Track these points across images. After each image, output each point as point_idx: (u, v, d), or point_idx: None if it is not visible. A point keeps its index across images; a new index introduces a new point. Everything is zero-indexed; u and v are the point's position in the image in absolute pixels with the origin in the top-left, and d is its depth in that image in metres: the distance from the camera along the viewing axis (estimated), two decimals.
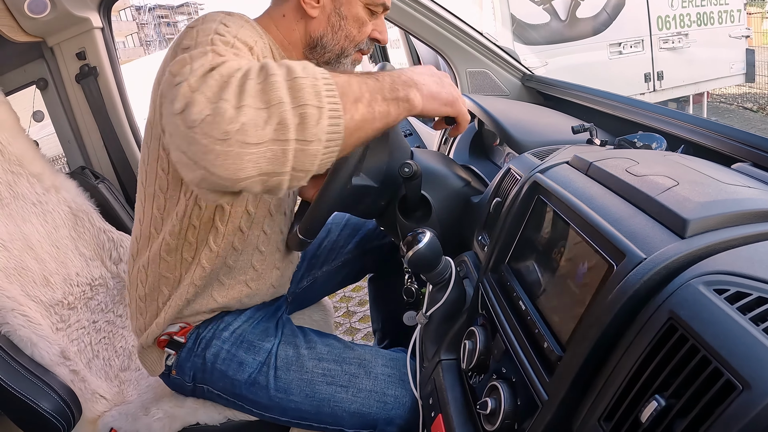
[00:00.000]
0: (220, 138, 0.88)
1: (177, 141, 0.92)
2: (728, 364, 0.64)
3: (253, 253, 1.51)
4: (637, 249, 0.84)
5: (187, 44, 1.16)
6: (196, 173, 0.92)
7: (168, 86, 0.94)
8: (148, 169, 1.38)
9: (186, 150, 0.91)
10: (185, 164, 0.92)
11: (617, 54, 7.12)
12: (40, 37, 2.41)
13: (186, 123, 0.89)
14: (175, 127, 0.91)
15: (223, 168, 0.90)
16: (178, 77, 0.93)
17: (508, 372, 1.07)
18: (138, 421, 1.61)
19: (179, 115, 0.90)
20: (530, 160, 1.40)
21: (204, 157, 0.89)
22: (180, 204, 1.35)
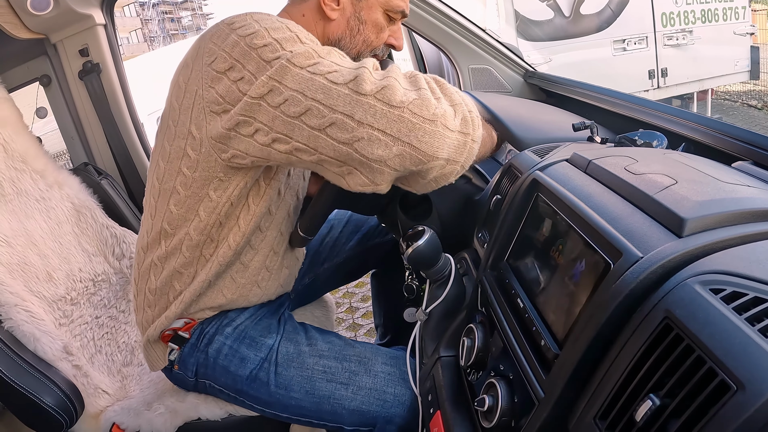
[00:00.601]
0: (428, 118, 1.05)
1: (371, 119, 1.05)
2: (723, 365, 0.64)
3: (268, 253, 1.51)
4: (634, 248, 0.85)
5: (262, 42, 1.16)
6: (392, 149, 1.06)
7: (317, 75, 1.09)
8: (167, 167, 1.36)
9: (384, 127, 1.05)
10: (377, 141, 1.06)
11: (621, 51, 7.10)
12: (43, 34, 2.41)
13: (390, 102, 1.04)
14: (368, 108, 1.05)
15: (427, 144, 1.06)
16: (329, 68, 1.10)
17: (505, 369, 1.07)
18: (140, 416, 1.62)
19: (373, 95, 1.05)
20: (530, 158, 1.40)
21: (409, 134, 1.05)
22: (207, 201, 1.34)
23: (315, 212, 1.42)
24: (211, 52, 1.21)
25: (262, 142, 1.16)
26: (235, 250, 1.41)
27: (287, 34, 1.17)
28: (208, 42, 1.24)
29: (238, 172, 1.30)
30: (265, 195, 1.38)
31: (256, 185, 1.37)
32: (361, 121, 1.05)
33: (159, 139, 1.40)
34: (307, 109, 1.09)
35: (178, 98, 1.30)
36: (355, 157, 1.09)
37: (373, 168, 1.09)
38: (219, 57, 1.20)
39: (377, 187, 1.13)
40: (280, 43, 1.15)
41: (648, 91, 7.10)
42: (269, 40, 1.16)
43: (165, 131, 1.36)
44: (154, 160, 1.43)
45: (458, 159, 1.12)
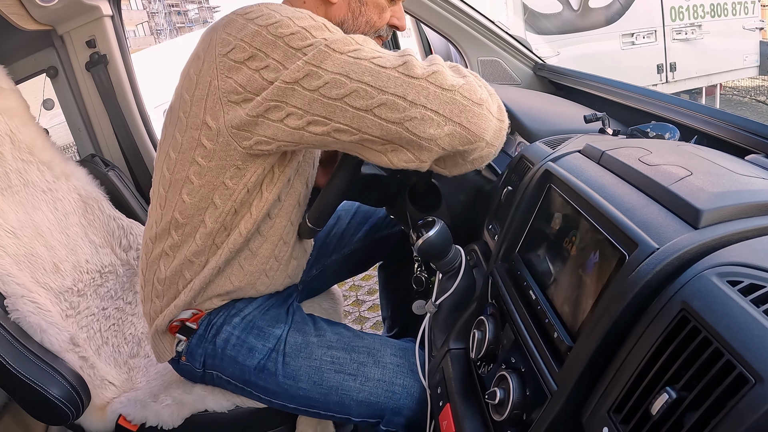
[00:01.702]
0: (477, 102, 1.13)
1: (422, 100, 1.11)
2: (741, 357, 0.63)
3: (278, 242, 1.51)
4: (650, 239, 0.84)
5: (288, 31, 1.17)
6: (444, 128, 1.12)
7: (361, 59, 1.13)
8: (179, 158, 1.36)
9: (437, 107, 1.11)
10: (429, 120, 1.12)
11: (630, 44, 7.08)
12: (50, 26, 2.41)
13: (441, 86, 1.11)
14: (420, 89, 1.11)
15: (476, 125, 1.13)
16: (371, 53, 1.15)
17: (517, 362, 1.06)
18: (147, 408, 1.61)
19: (425, 79, 1.11)
20: (542, 149, 1.39)
21: (461, 114, 1.12)
22: (222, 189, 1.34)
23: (324, 203, 1.42)
24: (226, 43, 1.21)
25: (294, 126, 1.18)
26: (245, 237, 1.41)
27: (313, 23, 1.19)
28: (221, 33, 1.23)
29: (257, 160, 1.31)
30: (278, 182, 1.39)
31: (270, 172, 1.37)
32: (414, 101, 1.11)
33: (168, 130, 1.40)
34: (353, 91, 1.12)
35: (189, 90, 1.30)
36: (404, 136, 1.14)
37: (423, 146, 1.15)
38: (237, 47, 1.19)
39: (422, 164, 1.19)
40: (308, 31, 1.17)
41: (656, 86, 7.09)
42: (296, 29, 1.17)
43: (176, 123, 1.36)
44: (163, 151, 1.42)
45: (495, 143, 1.19)
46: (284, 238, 1.52)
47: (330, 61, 1.12)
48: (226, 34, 1.22)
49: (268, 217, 1.44)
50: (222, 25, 1.26)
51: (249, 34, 1.19)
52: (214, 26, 1.29)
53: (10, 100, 2.06)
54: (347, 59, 1.12)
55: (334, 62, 1.12)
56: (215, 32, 1.26)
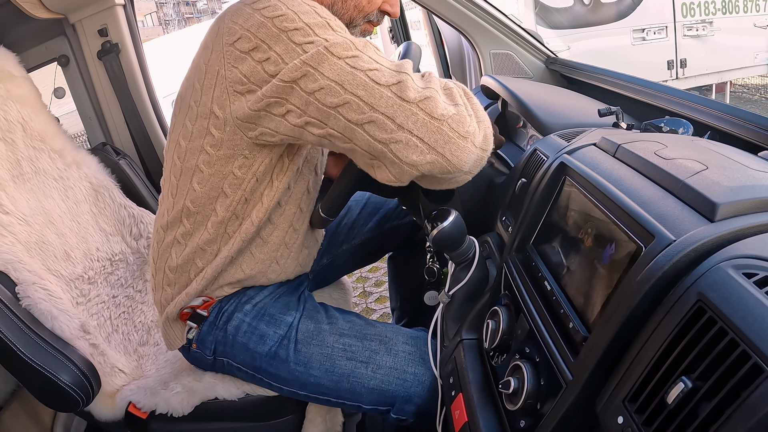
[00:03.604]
0: (463, 134, 1.12)
1: (411, 126, 1.10)
2: (756, 347, 0.64)
3: (287, 229, 1.51)
4: (667, 231, 0.84)
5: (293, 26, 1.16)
6: (425, 156, 1.11)
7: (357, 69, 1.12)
8: (189, 146, 1.37)
9: (424, 136, 1.10)
10: (413, 146, 1.11)
11: (640, 40, 7.06)
12: (62, 14, 2.41)
13: (432, 114, 1.10)
14: (410, 114, 1.10)
15: (457, 158, 1.12)
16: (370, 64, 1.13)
17: (531, 352, 1.07)
18: (156, 395, 1.62)
19: (417, 104, 1.10)
20: (557, 142, 1.39)
21: (445, 146, 1.11)
22: (231, 178, 1.35)
23: (337, 193, 1.42)
24: (233, 32, 1.21)
25: (295, 123, 1.19)
26: (257, 226, 1.42)
27: (318, 20, 1.18)
28: (229, 21, 1.24)
29: (264, 149, 1.31)
30: (287, 171, 1.39)
31: (280, 161, 1.38)
32: (402, 125, 1.10)
33: (179, 119, 1.41)
34: (346, 102, 1.12)
35: (199, 79, 1.30)
36: (388, 156, 1.14)
37: (403, 169, 1.15)
38: (243, 37, 1.19)
39: (401, 183, 1.19)
40: (312, 29, 1.16)
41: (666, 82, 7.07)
42: (300, 24, 1.16)
43: (186, 111, 1.37)
44: (173, 140, 1.43)
45: (474, 171, 1.20)
46: (294, 225, 1.52)
47: (327, 65, 1.12)
48: (233, 23, 1.22)
49: (278, 205, 1.45)
50: (230, 13, 1.26)
51: (255, 24, 1.19)
52: (223, 15, 1.29)
53: (22, 88, 2.07)
54: (344, 67, 1.12)
55: (331, 67, 1.12)
56: (223, 21, 1.26)
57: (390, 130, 1.10)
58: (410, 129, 1.09)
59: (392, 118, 1.10)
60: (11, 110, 1.98)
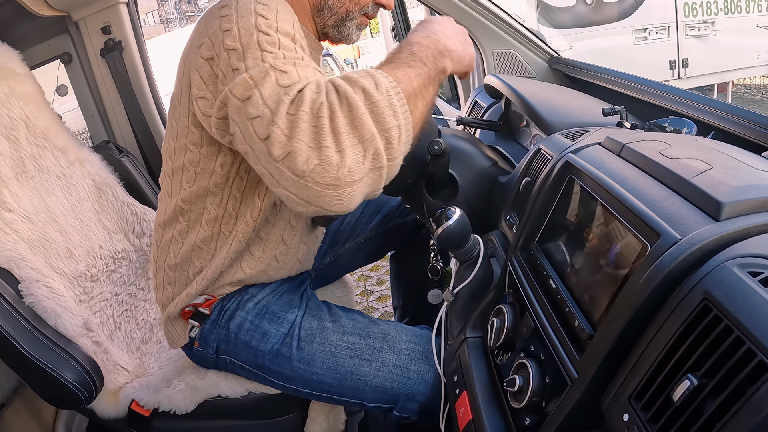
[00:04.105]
0: (331, 184, 1.01)
1: (285, 184, 1.03)
2: (761, 345, 0.64)
3: (285, 227, 1.52)
4: (672, 230, 0.84)
5: (232, 45, 1.14)
6: (308, 208, 1.04)
7: (247, 119, 1.05)
8: (176, 145, 1.39)
9: (297, 193, 1.02)
10: (296, 202, 1.04)
11: (643, 40, 7.05)
12: (65, 12, 2.42)
13: (294, 172, 1.00)
14: (280, 173, 1.02)
15: (338, 206, 1.03)
16: (255, 110, 1.04)
17: (536, 350, 1.07)
18: (159, 393, 1.63)
19: (281, 162, 1.01)
20: (561, 141, 1.39)
21: (318, 200, 1.02)
22: (216, 176, 1.37)
23: None
24: (200, 35, 1.23)
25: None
26: (253, 226, 1.43)
27: (251, 39, 1.14)
28: (201, 24, 1.25)
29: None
30: None
31: None
32: (279, 182, 1.04)
33: (169, 118, 1.44)
34: (246, 152, 1.09)
35: (180, 78, 1.33)
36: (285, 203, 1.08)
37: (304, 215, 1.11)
38: (205, 44, 1.20)
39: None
40: (243, 51, 1.13)
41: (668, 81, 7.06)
42: (236, 45, 1.14)
43: (173, 110, 1.40)
44: (166, 139, 1.46)
45: (377, 189, 1.10)
46: (291, 222, 1.53)
47: (233, 108, 1.08)
48: (204, 26, 1.24)
49: (274, 205, 1.46)
50: (205, 16, 1.27)
51: (213, 32, 1.19)
52: (202, 15, 1.30)
53: (25, 85, 2.07)
54: (241, 112, 1.07)
55: (234, 110, 1.08)
56: (199, 22, 1.28)
57: (273, 184, 1.05)
58: (285, 186, 1.03)
59: (271, 174, 1.04)
60: (14, 108, 1.99)
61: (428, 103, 1.19)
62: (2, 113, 1.94)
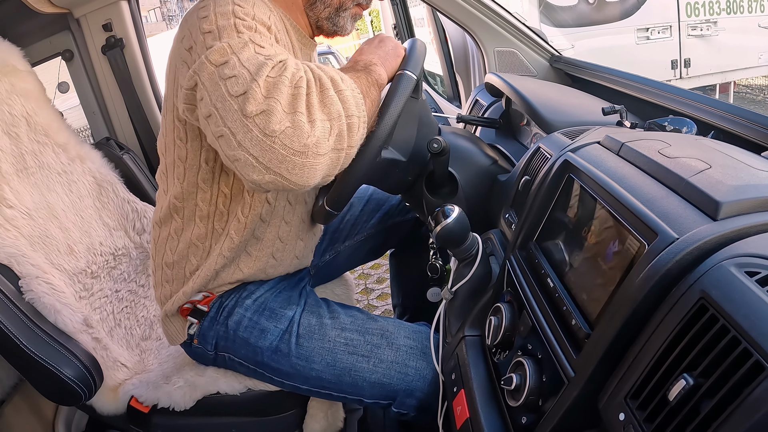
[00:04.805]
0: (299, 150, 1.03)
1: (248, 144, 1.03)
2: (758, 345, 0.64)
3: (280, 224, 1.53)
4: (670, 229, 0.84)
5: (208, 29, 1.16)
6: (264, 176, 1.04)
7: (220, 78, 1.07)
8: (166, 141, 1.42)
9: (258, 155, 1.03)
10: (251, 166, 1.04)
11: (645, 39, 7.03)
12: (67, 9, 2.41)
13: (264, 130, 1.01)
14: (246, 131, 1.02)
15: (298, 176, 1.05)
16: (231, 71, 1.06)
17: (534, 348, 1.07)
18: (159, 390, 1.63)
19: (253, 119, 1.02)
20: (561, 140, 1.39)
21: (280, 165, 1.03)
22: (203, 172, 1.39)
23: (343, 187, 1.42)
24: (182, 29, 1.25)
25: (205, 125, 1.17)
26: (245, 224, 1.44)
27: (228, 21, 1.17)
28: (184, 19, 1.28)
29: None
30: None
31: None
32: (241, 142, 1.04)
33: (162, 115, 1.45)
34: (210, 114, 1.09)
35: (167, 74, 1.35)
36: (238, 172, 1.09)
37: (251, 186, 1.11)
38: (185, 36, 1.22)
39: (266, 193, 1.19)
40: (219, 32, 1.15)
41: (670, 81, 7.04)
42: (212, 27, 1.17)
43: (163, 106, 1.42)
44: (160, 136, 1.48)
45: (332, 173, 1.13)
46: (285, 218, 1.54)
47: (205, 74, 1.10)
48: (185, 21, 1.26)
49: (266, 203, 1.47)
50: (188, 12, 1.29)
51: (192, 24, 1.21)
52: (186, 13, 1.32)
53: (26, 82, 2.07)
54: (214, 77, 1.09)
55: (208, 76, 1.09)
56: (183, 19, 1.29)
57: (233, 146, 1.05)
58: (247, 147, 1.03)
59: (234, 134, 1.04)
60: (16, 104, 1.99)
61: (373, 102, 1.27)
62: (3, 110, 1.94)
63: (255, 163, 1.03)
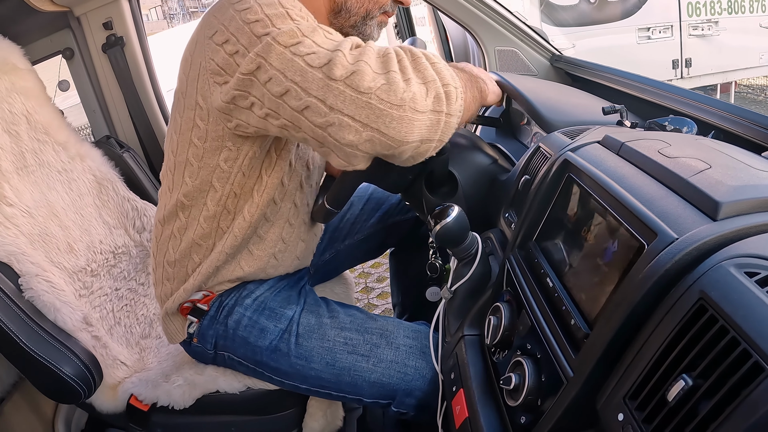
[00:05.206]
0: (396, 104, 1.05)
1: (341, 105, 1.05)
2: (757, 346, 0.64)
3: (284, 225, 1.53)
4: (669, 229, 0.84)
5: (254, 18, 1.17)
6: (362, 134, 1.07)
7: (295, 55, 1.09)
8: (179, 139, 1.39)
9: (353, 113, 1.05)
10: (347, 126, 1.06)
11: (646, 39, 7.03)
12: (67, 7, 2.41)
13: (358, 88, 1.04)
14: (338, 94, 1.05)
15: (396, 130, 1.06)
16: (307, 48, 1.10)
17: (533, 348, 1.07)
18: (158, 388, 1.63)
19: (344, 80, 1.05)
20: (560, 139, 1.39)
21: (377, 120, 1.05)
22: (219, 172, 1.37)
23: (343, 185, 1.42)
24: (212, 26, 1.24)
25: (259, 115, 1.19)
26: (250, 222, 1.43)
27: (278, 11, 1.18)
28: (211, 16, 1.26)
29: (246, 141, 1.32)
30: (276, 166, 1.40)
31: (268, 157, 1.39)
32: (333, 106, 1.06)
33: (173, 113, 1.43)
34: (287, 90, 1.10)
35: (186, 71, 1.33)
36: (330, 141, 1.10)
37: (346, 152, 1.11)
38: (219, 30, 1.21)
39: (354, 167, 1.16)
40: (270, 19, 1.16)
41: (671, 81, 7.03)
42: (261, 16, 1.17)
43: (176, 104, 1.39)
44: (169, 134, 1.46)
45: (432, 137, 1.12)
46: (290, 220, 1.54)
47: (274, 54, 1.11)
48: (214, 17, 1.25)
49: (273, 203, 1.46)
50: (214, 8, 1.28)
51: (227, 18, 1.21)
52: (209, 9, 1.32)
53: (27, 80, 2.07)
54: (286, 55, 1.10)
55: (277, 57, 1.11)
56: (207, 15, 1.29)
57: (324, 113, 1.07)
58: (340, 108, 1.05)
59: (323, 100, 1.06)
60: (16, 102, 1.99)
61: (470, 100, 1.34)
62: (3, 108, 1.94)
63: (351, 122, 1.06)
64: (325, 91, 1.06)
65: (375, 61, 1.08)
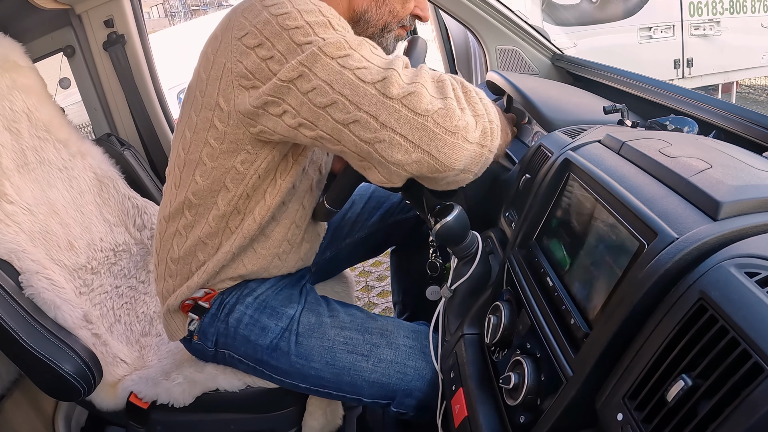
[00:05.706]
0: (451, 130, 1.07)
1: (395, 124, 1.07)
2: (757, 346, 0.64)
3: (290, 226, 1.52)
4: (670, 229, 0.84)
5: (294, 25, 1.16)
6: (411, 155, 1.08)
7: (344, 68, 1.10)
8: (193, 137, 1.37)
9: (406, 133, 1.07)
10: (397, 145, 1.08)
11: (647, 38, 7.01)
12: (68, 5, 2.41)
13: (414, 109, 1.06)
14: (392, 112, 1.07)
15: (446, 155, 1.08)
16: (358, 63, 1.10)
17: (532, 347, 1.07)
18: (158, 386, 1.63)
19: (400, 100, 1.06)
20: (561, 138, 1.39)
21: (430, 143, 1.07)
22: (234, 173, 1.35)
23: (343, 185, 1.42)
24: (242, 27, 1.22)
25: (290, 124, 1.18)
26: (259, 223, 1.42)
27: (320, 19, 1.18)
28: (239, 16, 1.24)
29: (266, 146, 1.32)
30: (291, 170, 1.40)
31: (284, 161, 1.38)
32: (385, 123, 1.07)
33: (185, 109, 1.41)
34: (333, 102, 1.10)
35: (206, 69, 1.30)
36: (375, 156, 1.11)
37: (391, 170, 1.12)
38: (250, 33, 1.20)
39: (392, 184, 1.17)
40: (312, 27, 1.16)
41: (673, 81, 7.02)
42: (301, 23, 1.16)
43: (192, 101, 1.37)
44: (180, 131, 1.44)
45: (473, 169, 1.15)
46: (297, 222, 1.53)
47: (320, 65, 1.11)
48: (243, 18, 1.23)
49: (282, 204, 1.46)
50: (242, 8, 1.26)
51: (261, 21, 1.19)
52: (235, 8, 1.29)
53: (27, 78, 2.07)
54: (334, 67, 1.10)
55: (323, 67, 1.11)
56: (235, 14, 1.26)
57: (374, 129, 1.08)
58: (393, 127, 1.07)
59: (375, 116, 1.07)
60: (17, 100, 1.98)
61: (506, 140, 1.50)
62: (4, 105, 1.94)
63: (402, 142, 1.07)
64: (378, 107, 1.07)
65: (431, 84, 1.10)
